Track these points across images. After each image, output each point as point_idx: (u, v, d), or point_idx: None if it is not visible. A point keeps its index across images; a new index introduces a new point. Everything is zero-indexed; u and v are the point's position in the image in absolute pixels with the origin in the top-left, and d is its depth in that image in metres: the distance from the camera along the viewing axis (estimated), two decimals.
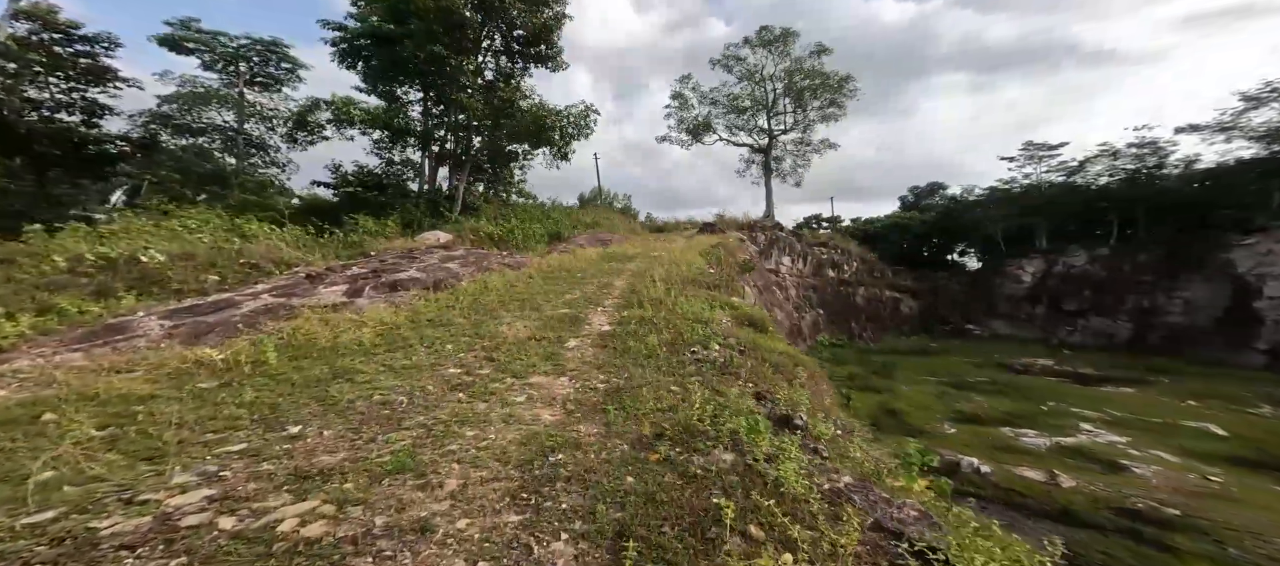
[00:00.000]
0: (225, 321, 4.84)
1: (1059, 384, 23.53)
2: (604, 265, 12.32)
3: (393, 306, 6.37)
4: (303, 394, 3.82)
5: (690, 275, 10.13)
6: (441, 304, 6.89)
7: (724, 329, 6.00)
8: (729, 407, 3.58)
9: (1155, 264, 29.24)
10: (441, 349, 5.24)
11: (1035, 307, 33.99)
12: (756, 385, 4.20)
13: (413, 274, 7.42)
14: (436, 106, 17.15)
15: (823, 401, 4.54)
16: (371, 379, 4.23)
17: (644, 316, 6.48)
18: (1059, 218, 32.52)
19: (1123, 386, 22.26)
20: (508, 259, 10.83)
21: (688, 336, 5.52)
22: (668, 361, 4.84)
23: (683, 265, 11.27)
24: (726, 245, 16.24)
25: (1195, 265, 27.62)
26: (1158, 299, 29.02)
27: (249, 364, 4.23)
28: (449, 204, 15.82)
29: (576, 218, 20.26)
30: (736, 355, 4.87)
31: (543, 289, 8.80)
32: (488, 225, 14.13)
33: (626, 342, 5.44)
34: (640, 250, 15.48)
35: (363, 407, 3.66)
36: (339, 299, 6.24)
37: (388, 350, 5.03)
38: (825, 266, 33.38)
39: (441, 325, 6.04)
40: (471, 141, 16.22)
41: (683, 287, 8.82)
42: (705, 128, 29.96)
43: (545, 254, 13.97)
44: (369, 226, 11.77)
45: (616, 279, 10.23)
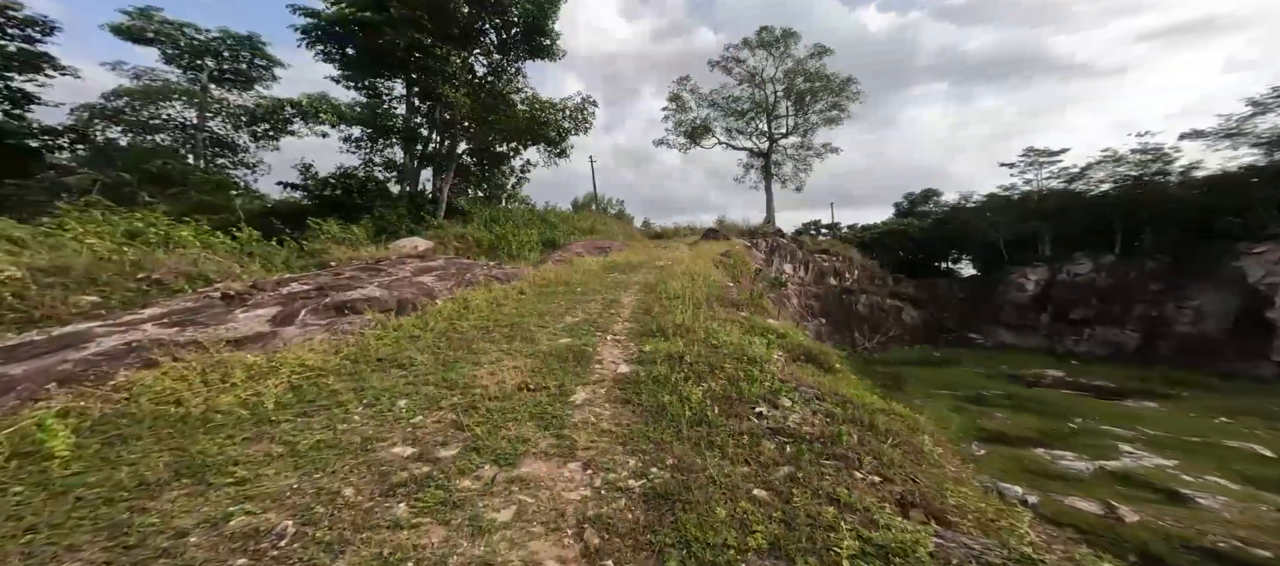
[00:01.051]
0: (42, 371, 3.06)
1: (1077, 397, 22.28)
2: (607, 277, 10.63)
3: (334, 339, 4.60)
4: (79, 524, 2.07)
5: (710, 290, 8.48)
6: (402, 333, 5.13)
7: (786, 373, 4.33)
8: (888, 545, 1.92)
9: (1162, 272, 28.32)
10: (388, 409, 3.50)
11: (1040, 316, 32.93)
12: (884, 475, 2.54)
13: (371, 292, 5.66)
14: (423, 102, 15.42)
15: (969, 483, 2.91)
16: (245, 478, 2.49)
17: (672, 351, 4.80)
18: (1062, 225, 31.55)
19: (1144, 401, 21.04)
20: (496, 270, 9.09)
21: (744, 386, 3.84)
22: (727, 431, 3.17)
23: (698, 278, 9.62)
24: (735, 253, 14.66)
25: (1204, 274, 26.69)
26: (1166, 308, 28.05)
27: (13, 458, 2.47)
28: (433, 208, 14.06)
29: (573, 223, 18.57)
30: (829, 419, 3.20)
31: (537, 309, 7.08)
32: (476, 231, 12.40)
33: (658, 395, 3.75)
34: (643, 259, 13.82)
35: (195, 553, 1.93)
36: (259, 328, 4.46)
37: (300, 414, 3.28)
38: (827, 274, 32.03)
39: (396, 367, 4.30)
40: (458, 140, 14.49)
41: (706, 306, 7.17)
42: (704, 131, 28.55)
43: (539, 263, 12.24)
44: (333, 232, 9.98)
45: (624, 295, 8.54)
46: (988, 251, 36.11)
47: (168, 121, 15.74)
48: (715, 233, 20.23)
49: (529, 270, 10.11)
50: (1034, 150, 32.06)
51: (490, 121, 13.34)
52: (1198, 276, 27.02)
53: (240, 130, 16.36)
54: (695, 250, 16.48)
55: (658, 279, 10.07)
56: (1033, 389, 24.19)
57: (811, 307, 30.09)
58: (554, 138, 14.15)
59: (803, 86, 26.58)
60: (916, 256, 40.27)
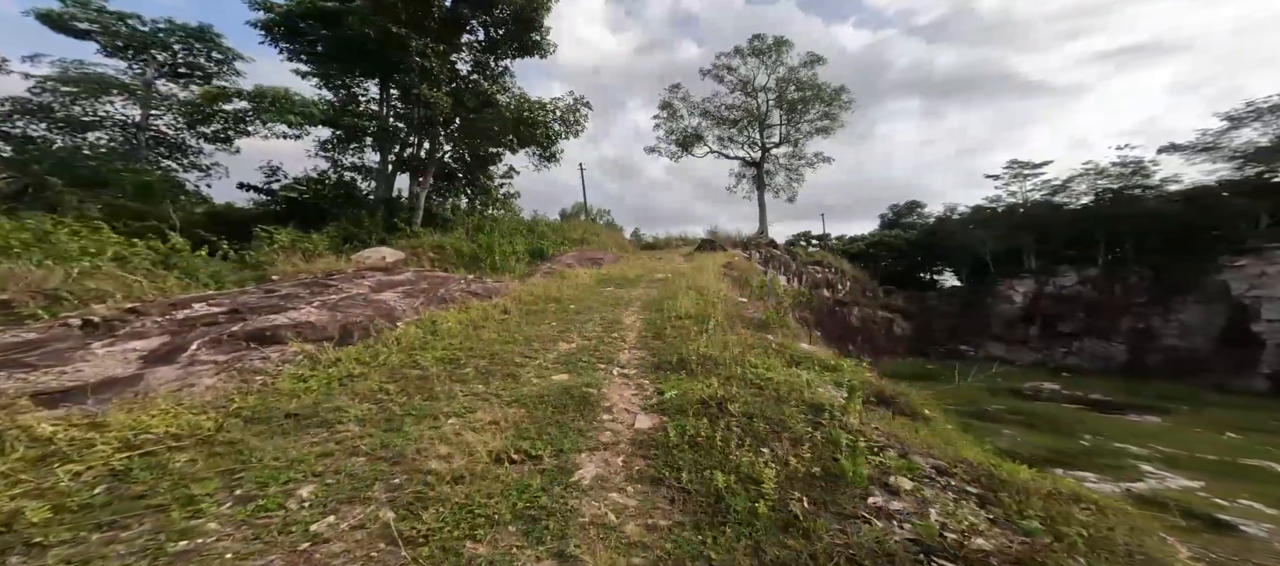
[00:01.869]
0: None
1: (1079, 412, 21.68)
2: (602, 292, 9.33)
3: (230, 383, 3.18)
4: None
5: (726, 308, 7.26)
6: (339, 372, 3.74)
7: (871, 427, 3.08)
8: None
9: (1147, 285, 28.37)
10: (274, 506, 2.13)
11: (1029, 329, 32.73)
12: None
13: (306, 315, 4.25)
14: (403, 102, 14.04)
15: None
16: None
17: (706, 394, 3.53)
18: (1046, 237, 31.59)
19: (1146, 415, 20.54)
20: (476, 284, 7.71)
21: (835, 455, 2.57)
22: (837, 546, 1.89)
23: (708, 293, 8.40)
24: (739, 265, 13.54)
25: (1188, 287, 26.75)
26: (1153, 321, 28.03)
27: None
28: (409, 215, 12.59)
29: (563, 233, 17.23)
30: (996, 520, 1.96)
31: (523, 333, 5.73)
32: (456, 241, 10.98)
33: (704, 471, 2.47)
34: (640, 271, 12.57)
35: None
36: (120, 370, 3.03)
37: (103, 527, 1.88)
38: (820, 286, 31.27)
39: (314, 426, 2.91)
40: (438, 143, 13.08)
41: (728, 328, 5.93)
42: (696, 139, 27.71)
43: (526, 277, 10.87)
44: (283, 241, 8.46)
45: (625, 314, 7.25)
46: (974, 263, 36.02)
47: (106, 119, 13.94)
48: (711, 243, 19.15)
49: (514, 284, 8.74)
50: (1018, 162, 32.23)
51: (471, 119, 12.01)
52: (1182, 290, 27.08)
53: (194, 130, 14.64)
54: (692, 262, 15.32)
55: (661, 294, 8.81)
56: (1033, 403, 23.60)
57: (806, 320, 29.20)
58: (543, 140, 12.87)
59: (794, 95, 26.02)
60: (905, 269, 40.08)
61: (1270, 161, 24.24)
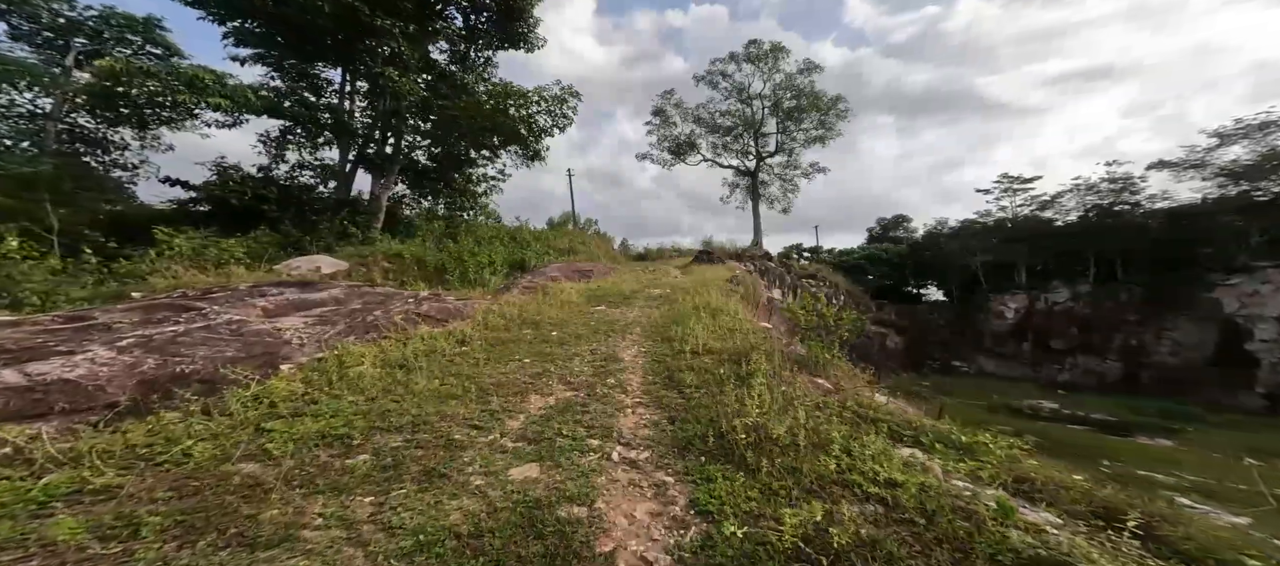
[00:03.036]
0: None
1: (1087, 434, 20.53)
2: (592, 312, 7.55)
3: None
4: None
5: (755, 340, 5.56)
6: (57, 485, 1.84)
7: None
8: None
9: (1138, 303, 27.75)
10: None
11: (1021, 345, 31.90)
12: None
13: (83, 362, 2.34)
14: (370, 93, 12.15)
15: None
16: None
17: (797, 527, 1.76)
18: (1037, 253, 30.94)
19: (1156, 437, 19.47)
20: (431, 304, 5.86)
21: None
22: None
23: (724, 316, 6.71)
24: (744, 281, 11.91)
25: (1180, 305, 26.14)
26: (1145, 338, 27.36)
27: None
28: (369, 219, 10.65)
29: (548, 243, 15.41)
30: None
31: (481, 378, 3.92)
32: (418, 249, 9.08)
33: None
34: (635, 285, 10.84)
35: None
36: None
37: None
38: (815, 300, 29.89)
39: None
40: (405, 137, 11.17)
41: (773, 370, 4.21)
42: (689, 147, 26.26)
43: (502, 292, 9.03)
44: (183, 247, 6.48)
45: (623, 345, 5.49)
46: (965, 278, 35.23)
47: (9, 109, 11.67)
48: (708, 254, 17.56)
49: (483, 303, 6.90)
50: (1008, 176, 31.65)
51: (441, 108, 10.17)
52: (1173, 307, 26.46)
53: (96, 114, 12.38)
54: (691, 275, 13.64)
55: (665, 316, 7.07)
56: (1037, 422, 22.44)
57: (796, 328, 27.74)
58: (525, 135, 11.11)
59: (790, 103, 24.82)
60: (894, 282, 39.19)
61: (1256, 179, 23.87)
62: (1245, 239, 24.26)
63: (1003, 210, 32.37)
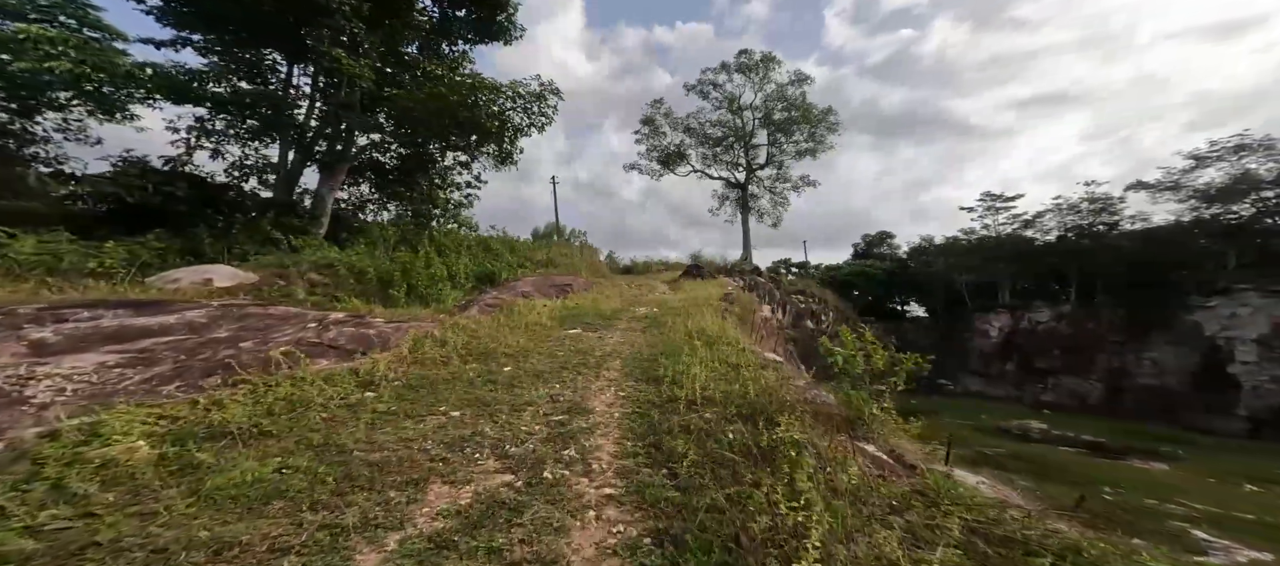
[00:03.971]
0: None
1: (1080, 456, 19.80)
2: (564, 337, 6.14)
3: None
4: None
5: (758, 377, 4.26)
6: None
7: None
8: None
9: (1120, 323, 27.54)
10: None
11: (1006, 364, 31.46)
12: None
13: None
14: (325, 81, 10.66)
15: None
16: None
17: None
18: (1020, 272, 30.68)
19: (1151, 461, 18.80)
20: (352, 327, 4.39)
21: None
22: None
23: (726, 347, 5.40)
24: (740, 299, 10.67)
25: (1160, 326, 25.95)
26: (1127, 359, 27.10)
27: None
28: (311, 222, 9.08)
29: (524, 253, 13.95)
30: None
31: (359, 451, 2.45)
32: (359, 258, 7.56)
33: None
34: (618, 303, 9.48)
35: None
36: None
37: None
38: (804, 316, 28.97)
39: None
40: (354, 131, 9.65)
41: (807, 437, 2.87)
42: (678, 157, 25.24)
43: (460, 309, 7.56)
44: (21, 251, 4.89)
45: (594, 388, 4.11)
46: (949, 295, 34.83)
47: None
48: (697, 269, 16.37)
49: (426, 325, 5.44)
50: (991, 194, 31.52)
51: (395, 98, 8.74)
52: (1154, 328, 26.25)
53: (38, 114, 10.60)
54: (680, 291, 12.36)
55: (652, 344, 5.72)
56: (1028, 444, 21.66)
57: (791, 353, 26.63)
58: (497, 131, 9.72)
59: (780, 115, 24.08)
60: (875, 298, 38.69)
61: (1229, 201, 23.94)
62: (1223, 261, 24.26)
63: (986, 228, 32.20)
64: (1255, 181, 22.18)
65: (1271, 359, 22.44)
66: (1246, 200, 22.99)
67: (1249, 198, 22.72)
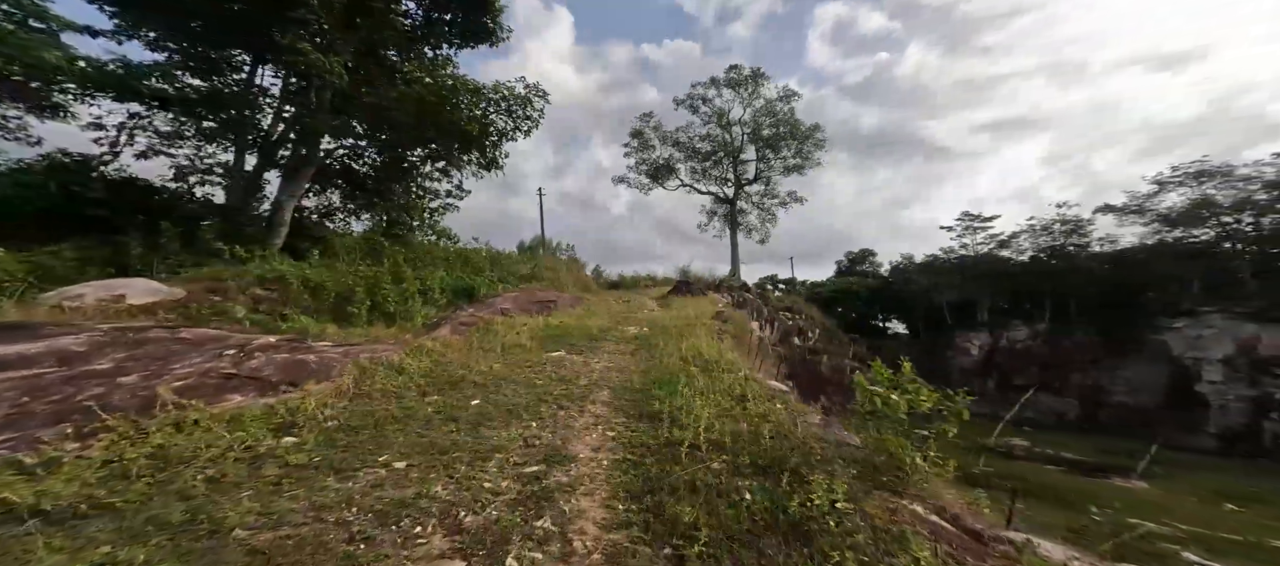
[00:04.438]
0: None
1: (1063, 475, 19.70)
2: (545, 361, 5.41)
3: None
4: None
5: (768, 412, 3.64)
6: None
7: None
8: None
9: (1092, 343, 28.08)
10: None
11: (986, 382, 31.66)
12: None
13: None
14: (293, 87, 9.85)
15: None
16: None
17: None
18: (997, 291, 31.19)
19: (1132, 479, 18.79)
20: (283, 354, 3.60)
21: None
22: None
23: (718, 368, 4.78)
24: (735, 319, 10.12)
25: (1131, 346, 26.51)
26: (1100, 378, 27.54)
27: None
28: (266, 230, 8.17)
29: (507, 267, 13.18)
30: None
31: (237, 535, 1.69)
32: (316, 272, 6.70)
33: None
34: (605, 321, 8.79)
35: None
36: None
37: None
38: (791, 333, 28.66)
39: None
40: (320, 133, 8.78)
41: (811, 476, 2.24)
42: (667, 171, 24.92)
43: (431, 328, 6.77)
44: None
45: (576, 424, 3.41)
46: (930, 313, 35.16)
47: None
48: (687, 285, 15.84)
49: (385, 348, 4.66)
50: (969, 215, 32.15)
51: (367, 97, 8.00)
52: (1126, 348, 26.80)
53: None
54: (669, 308, 11.76)
55: (644, 371, 5.04)
56: (1013, 462, 21.50)
57: (779, 370, 26.21)
58: (480, 135, 9.03)
59: (769, 131, 24.09)
60: (858, 315, 38.87)
61: (1190, 225, 24.82)
62: (1187, 284, 25.01)
63: (964, 247, 32.75)
64: (1214, 207, 23.04)
65: (1236, 379, 22.97)
66: (1206, 225, 23.85)
67: (1209, 222, 23.57)
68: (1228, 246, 23.67)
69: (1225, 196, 23.01)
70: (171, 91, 8.27)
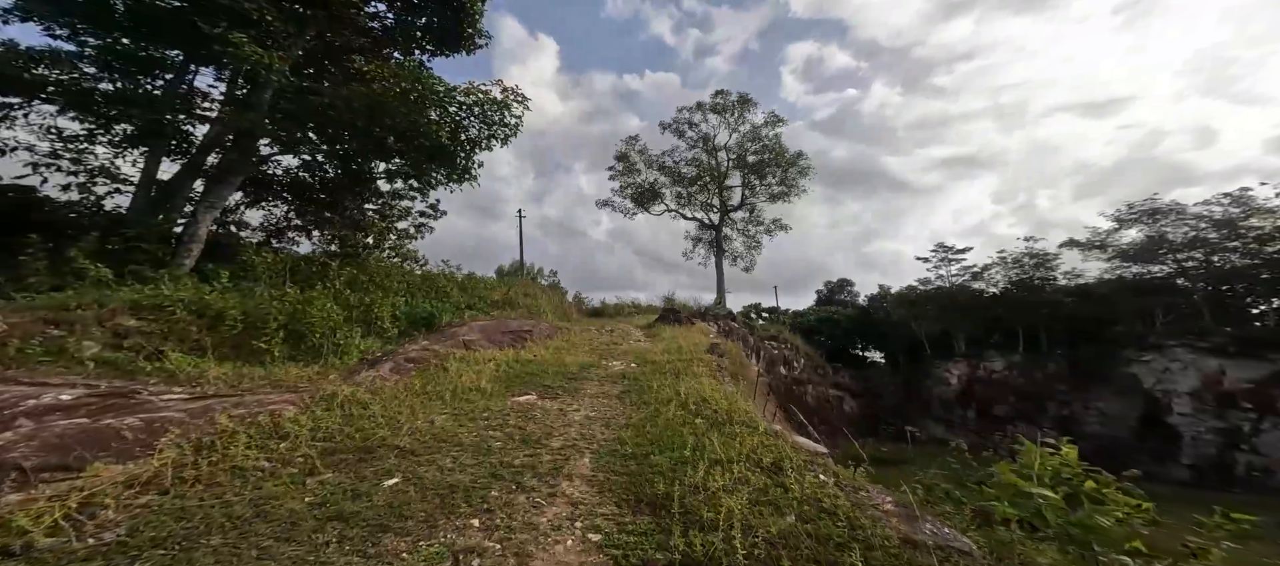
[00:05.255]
0: None
1: None
2: (506, 409, 4.10)
3: None
4: None
5: (823, 500, 2.48)
6: None
7: None
8: None
9: (1064, 374, 28.30)
10: None
11: (966, 411, 31.40)
12: None
13: None
14: (240, 87, 8.55)
15: None
16: None
17: None
18: (973, 322, 31.42)
19: None
20: (81, 417, 2.22)
21: None
22: None
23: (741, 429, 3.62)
24: (731, 353, 9.04)
25: (1102, 377, 26.77)
26: (1075, 408, 27.59)
27: None
28: (178, 250, 6.66)
29: (477, 291, 11.81)
30: None
31: None
32: (212, 297, 5.24)
33: None
34: (586, 353, 7.54)
35: None
36: None
37: None
38: (777, 363, 27.80)
39: None
40: (254, 132, 7.34)
41: None
42: (652, 195, 24.23)
43: (352, 371, 5.38)
44: None
45: (542, 522, 2.12)
46: (909, 343, 35.09)
47: None
48: (675, 313, 14.73)
49: (278, 397, 3.31)
50: (944, 246, 32.67)
51: (308, 94, 6.77)
52: (1097, 379, 27.03)
53: None
54: (657, 339, 10.59)
55: (635, 425, 3.81)
56: None
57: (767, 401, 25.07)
58: (448, 142, 7.83)
59: (753, 158, 23.86)
60: (845, 345, 38.55)
61: (1148, 261, 25.67)
62: (1151, 318, 25.61)
63: (940, 278, 33.12)
64: (1168, 244, 23.90)
65: (1205, 411, 23.18)
66: (1161, 261, 24.66)
67: (1165, 259, 24.37)
68: (1183, 283, 24.48)
69: (1178, 234, 23.97)
70: (66, 82, 6.85)
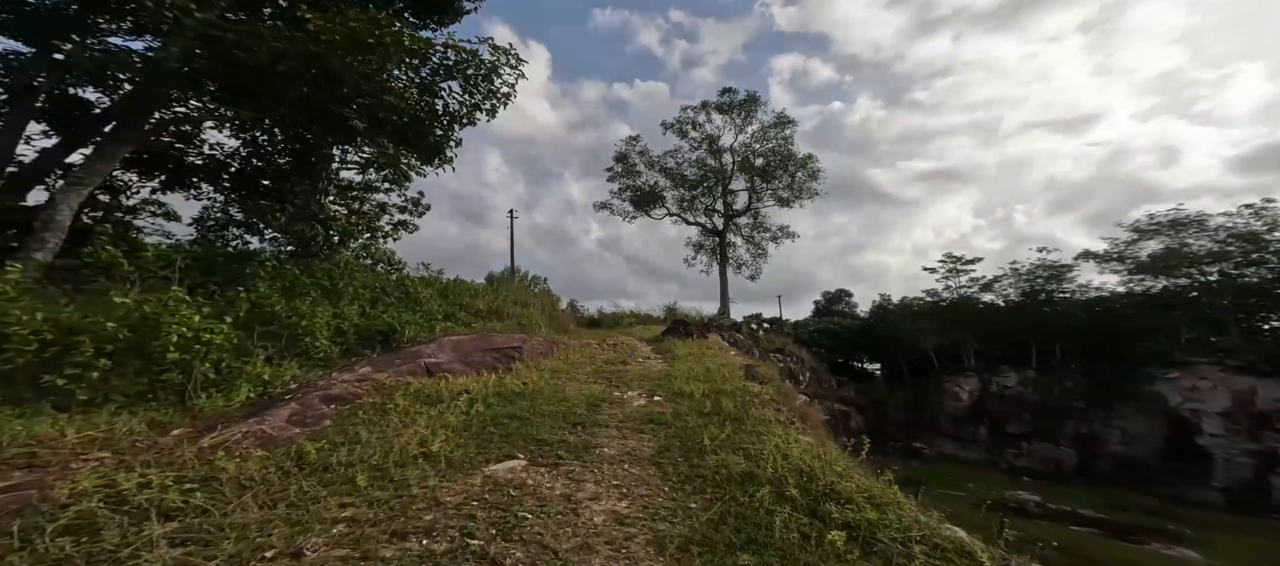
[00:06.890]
0: None
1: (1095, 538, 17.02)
2: (461, 498, 2.18)
3: None
4: None
5: None
6: None
7: None
8: None
9: (1084, 391, 26.60)
10: None
11: (977, 428, 29.61)
12: None
13: None
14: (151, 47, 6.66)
15: None
16: None
17: None
18: (983, 335, 29.73)
19: (1175, 545, 16.34)
20: None
21: None
22: None
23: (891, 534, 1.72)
24: (767, 376, 7.19)
25: (1125, 396, 25.06)
26: (1095, 426, 25.88)
27: None
28: (32, 243, 4.79)
29: (459, 298, 9.89)
30: None
31: None
32: (46, 309, 3.38)
33: None
34: (591, 378, 5.65)
35: None
36: None
37: None
38: (784, 376, 25.87)
39: None
40: (151, 95, 5.36)
41: None
42: (653, 198, 22.45)
43: (211, 426, 3.42)
44: None
45: None
46: (915, 356, 33.32)
47: None
48: (684, 324, 12.93)
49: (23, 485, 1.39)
50: (953, 256, 31.11)
51: (225, 39, 4.87)
52: (1119, 397, 25.32)
53: None
54: (672, 356, 8.73)
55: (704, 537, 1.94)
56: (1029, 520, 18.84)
57: None
58: (416, 111, 5.93)
59: (759, 161, 22.17)
60: (847, 358, 36.76)
61: (1170, 274, 24.18)
62: (1176, 334, 24.05)
63: (948, 290, 31.55)
64: (1192, 257, 22.44)
65: (1238, 432, 21.52)
66: (1183, 274, 23.19)
67: (1188, 272, 22.90)
68: (1202, 299, 22.99)
69: (1201, 246, 22.54)
70: None
